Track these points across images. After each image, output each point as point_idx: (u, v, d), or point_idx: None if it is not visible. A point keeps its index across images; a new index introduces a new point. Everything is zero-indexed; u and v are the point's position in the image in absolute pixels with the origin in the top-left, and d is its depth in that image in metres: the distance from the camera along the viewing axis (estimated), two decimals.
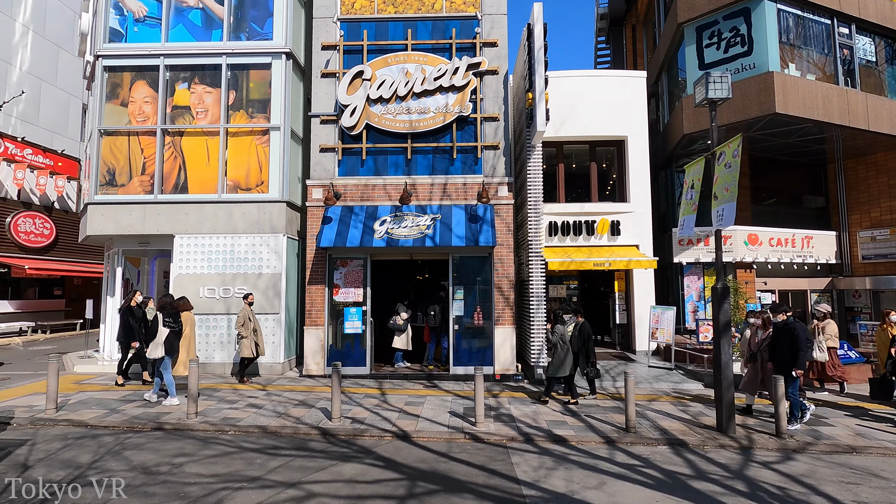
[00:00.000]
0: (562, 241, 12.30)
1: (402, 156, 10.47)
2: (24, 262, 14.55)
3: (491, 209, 10.04)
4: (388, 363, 10.84)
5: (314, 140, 10.51)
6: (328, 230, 9.75)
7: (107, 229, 10.52)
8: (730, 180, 6.44)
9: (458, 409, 7.62)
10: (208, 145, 10.69)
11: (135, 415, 7.05)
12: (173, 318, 7.76)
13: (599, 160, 13.26)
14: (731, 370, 6.68)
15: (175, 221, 10.44)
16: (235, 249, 10.38)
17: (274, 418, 7.00)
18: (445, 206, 10.13)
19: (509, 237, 10.14)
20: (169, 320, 7.72)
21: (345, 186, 10.31)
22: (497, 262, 10.05)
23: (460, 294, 10.09)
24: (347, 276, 10.23)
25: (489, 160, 10.34)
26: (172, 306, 7.78)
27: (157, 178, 10.61)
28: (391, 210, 10.07)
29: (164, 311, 7.80)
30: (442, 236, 9.53)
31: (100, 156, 10.78)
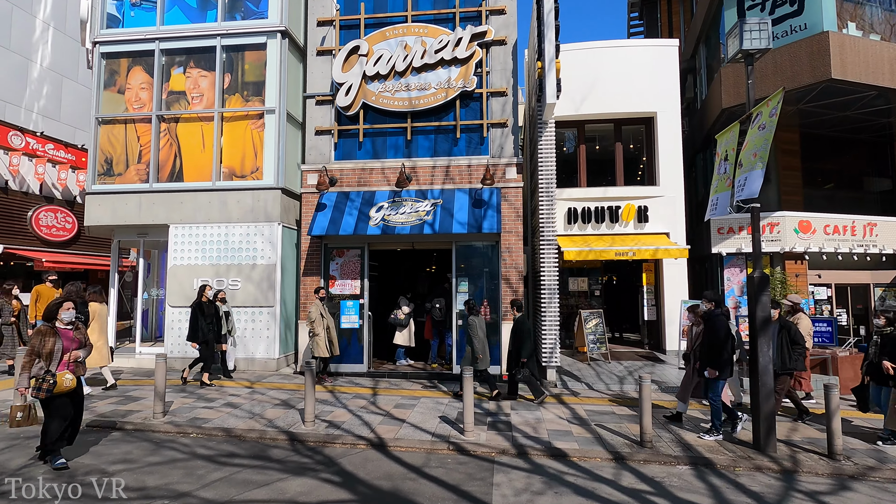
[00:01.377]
0: (582, 228, 11.19)
1: (402, 137, 9.69)
2: (42, 255, 14.73)
3: (497, 193, 9.11)
4: (391, 360, 10.12)
5: (309, 122, 9.88)
6: (321, 217, 9.10)
7: (104, 219, 10.27)
8: (760, 144, 5.29)
9: (451, 414, 6.79)
10: (203, 131, 10.26)
11: (102, 412, 6.60)
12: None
13: (626, 140, 12.03)
14: (770, 376, 5.53)
15: (170, 211, 10.07)
16: (229, 239, 9.90)
17: (245, 420, 6.38)
18: (448, 191, 9.28)
19: (519, 224, 9.18)
20: None
21: (341, 171, 9.63)
22: (505, 251, 9.12)
23: (465, 286, 9.23)
24: (344, 267, 9.56)
25: (496, 139, 9.40)
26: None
27: (153, 166, 10.27)
28: (389, 195, 9.31)
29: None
30: (442, 223, 8.69)
31: (97, 145, 10.56)
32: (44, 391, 4.55)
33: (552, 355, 8.74)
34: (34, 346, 4.66)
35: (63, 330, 4.87)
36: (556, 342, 8.81)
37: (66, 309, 4.93)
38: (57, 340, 4.74)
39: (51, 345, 4.69)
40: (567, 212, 11.18)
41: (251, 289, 9.69)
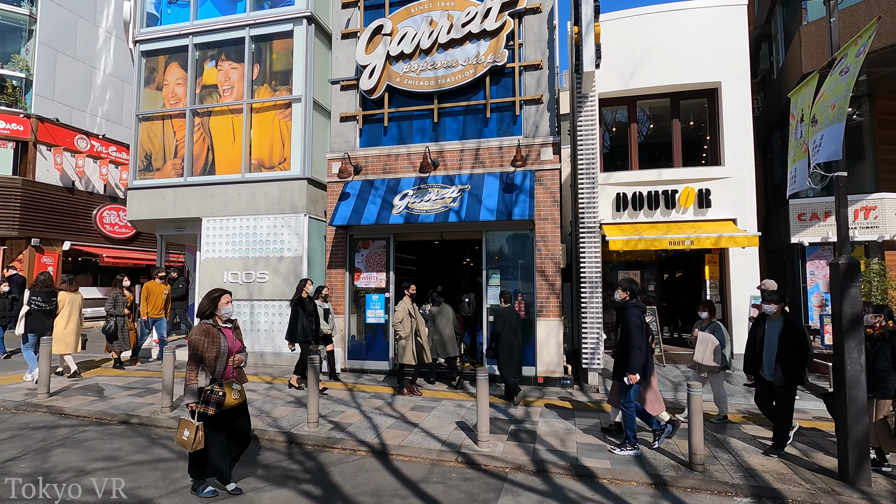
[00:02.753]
0: (633, 216, 10.01)
1: (429, 119, 9.06)
2: (103, 251, 15.61)
3: (531, 176, 8.26)
4: None
5: (334, 109, 9.50)
6: (343, 206, 8.68)
7: (143, 214, 10.49)
8: (840, 91, 4.14)
9: (470, 420, 6.08)
10: (234, 124, 10.20)
11: (116, 404, 6.52)
12: (43, 297, 7.86)
13: (684, 116, 10.68)
14: (861, 388, 4.36)
15: (203, 204, 10.10)
16: (257, 231, 9.76)
17: (252, 417, 6.02)
18: (477, 175, 8.54)
19: (555, 210, 8.27)
20: (36, 298, 7.80)
21: (366, 158, 9.16)
22: (539, 240, 8.25)
23: (496, 279, 8.46)
24: (369, 258, 9.10)
25: (530, 117, 8.54)
26: (45, 284, 8.03)
27: (188, 160, 10.35)
28: (415, 182, 8.73)
29: (34, 288, 8.10)
30: (469, 210, 7.98)
31: (138, 141, 10.81)
32: (213, 405, 3.71)
33: (594, 356, 7.79)
34: (200, 348, 3.78)
35: (224, 329, 3.99)
36: (598, 341, 7.85)
37: (226, 303, 3.99)
38: (223, 341, 3.88)
39: (217, 347, 3.83)
40: (616, 198, 10.04)
41: (278, 282, 9.48)
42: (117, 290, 8.82)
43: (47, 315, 7.81)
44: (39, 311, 7.75)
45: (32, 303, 7.74)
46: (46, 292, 7.87)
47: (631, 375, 4.93)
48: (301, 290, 7.50)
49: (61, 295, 7.91)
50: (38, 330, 7.69)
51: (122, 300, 8.69)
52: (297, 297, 7.46)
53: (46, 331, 7.65)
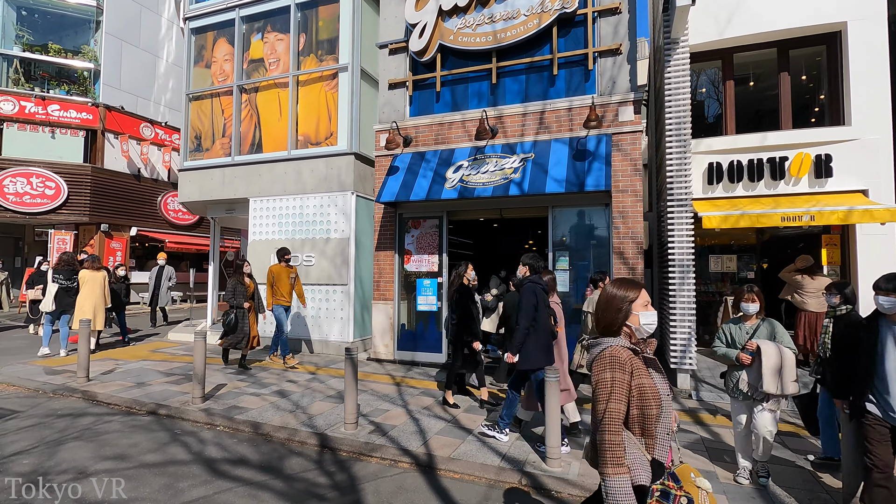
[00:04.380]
0: (729, 189, 8.43)
1: (486, 81, 7.99)
2: (166, 236, 15.92)
3: (607, 140, 7.00)
4: None
5: (382, 76, 8.67)
6: (391, 182, 7.85)
7: (193, 195, 10.26)
8: None
9: (534, 427, 5.07)
10: (280, 98, 9.66)
11: (150, 392, 6.10)
12: (65, 275, 8.01)
13: (795, 70, 8.87)
14: None
15: (250, 184, 9.67)
16: (304, 211, 9.18)
17: (283, 414, 5.36)
18: (542, 142, 7.39)
19: (637, 181, 6.97)
20: (59, 276, 7.96)
21: (416, 128, 8.27)
22: (617, 216, 7.00)
23: (564, 262, 7.31)
24: (420, 239, 8.23)
25: (606, 71, 7.25)
26: (68, 264, 8.08)
27: (235, 138, 9.96)
28: (470, 153, 7.72)
29: (57, 267, 8.11)
30: (532, 181, 6.87)
31: (188, 121, 10.59)
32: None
33: (685, 355, 6.48)
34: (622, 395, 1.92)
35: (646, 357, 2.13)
36: (690, 338, 6.52)
37: (644, 305, 2.10)
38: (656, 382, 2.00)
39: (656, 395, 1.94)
40: (707, 168, 8.48)
41: (325, 265, 8.86)
42: (236, 277, 7.65)
43: (70, 293, 7.97)
44: (62, 288, 7.92)
45: (56, 280, 7.86)
46: (68, 270, 8.05)
47: (509, 355, 4.48)
48: (461, 277, 5.85)
49: (82, 273, 7.99)
50: (60, 307, 7.99)
51: (243, 290, 7.52)
52: (458, 287, 5.79)
53: (69, 308, 7.94)
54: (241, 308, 7.44)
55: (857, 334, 3.28)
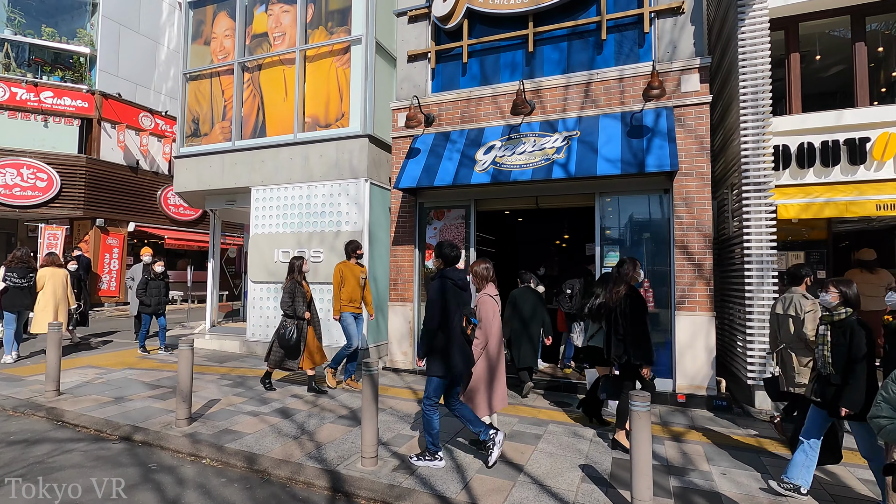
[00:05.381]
0: (798, 175, 7.30)
1: (521, 50, 6.96)
2: (165, 232, 15.03)
3: (668, 114, 5.94)
4: None
5: (401, 48, 7.66)
6: (412, 165, 6.84)
7: (190, 184, 9.31)
8: None
9: (600, 462, 4.02)
10: (286, 77, 8.68)
11: (128, 410, 5.12)
12: (18, 273, 7.22)
13: (872, 39, 7.75)
14: None
15: (251, 171, 8.70)
16: (311, 202, 8.19)
17: (285, 442, 4.35)
18: (589, 118, 6.35)
19: (704, 161, 5.92)
20: (11, 275, 7.17)
21: (440, 105, 7.25)
22: (679, 202, 5.94)
23: (613, 258, 6.24)
24: (444, 232, 7.21)
25: (665, 34, 6.19)
26: (21, 261, 7.28)
27: (236, 122, 8.99)
28: (503, 132, 6.69)
29: (10, 264, 7.30)
30: (580, 162, 5.83)
31: (185, 104, 9.64)
32: None
33: (765, 370, 5.40)
34: None
35: None
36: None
37: None
38: None
39: None
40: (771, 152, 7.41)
41: (335, 261, 7.83)
42: (293, 278, 5.93)
43: (24, 292, 7.21)
44: (15, 287, 7.13)
45: (7, 279, 7.06)
46: (23, 268, 7.26)
47: (418, 359, 3.97)
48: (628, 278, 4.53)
49: (41, 272, 7.25)
50: (15, 308, 7.21)
51: (302, 294, 5.91)
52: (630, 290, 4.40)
53: (24, 309, 7.25)
54: (303, 319, 5.88)
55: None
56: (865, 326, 3.31)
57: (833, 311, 3.42)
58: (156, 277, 8.19)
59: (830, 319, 3.43)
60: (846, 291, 3.38)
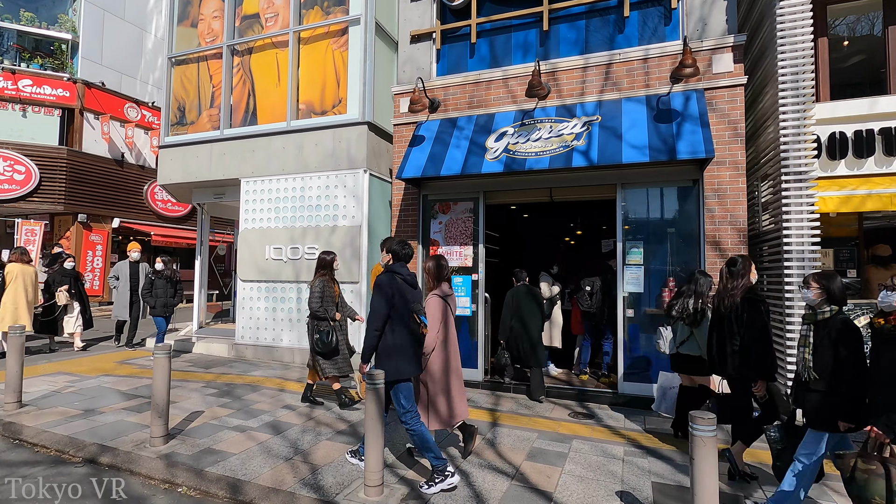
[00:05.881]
0: (829, 167, 6.81)
1: (534, 29, 6.42)
2: (151, 229, 14.36)
3: (699, 97, 5.43)
4: None
5: (403, 27, 7.09)
6: (416, 154, 6.28)
7: (175, 176, 8.70)
8: None
9: (639, 487, 3.50)
10: (278, 60, 8.08)
11: (98, 425, 4.53)
12: None
13: None
14: None
15: (241, 161, 8.11)
16: (306, 194, 7.62)
17: (275, 464, 3.79)
18: (610, 102, 5.82)
19: (738, 149, 5.41)
20: None
21: (446, 89, 6.70)
22: (710, 194, 5.42)
23: (637, 255, 5.72)
24: (450, 227, 6.65)
25: (694, 10, 5.67)
26: None
27: (224, 109, 8.39)
28: (516, 117, 6.15)
29: None
30: (603, 149, 5.30)
31: (171, 90, 9.02)
32: None
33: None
34: None
35: None
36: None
37: None
38: None
39: None
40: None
41: None
42: (323, 275, 5.25)
43: None
44: None
45: None
46: None
47: (361, 364, 3.59)
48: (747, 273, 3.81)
49: (10, 267, 6.62)
50: None
51: (332, 294, 5.26)
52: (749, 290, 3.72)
53: None
54: (335, 320, 5.25)
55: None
56: (854, 326, 2.90)
57: (816, 309, 3.01)
58: (161, 276, 7.54)
59: (814, 319, 3.02)
60: (829, 287, 2.97)
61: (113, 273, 8.48)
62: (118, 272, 8.43)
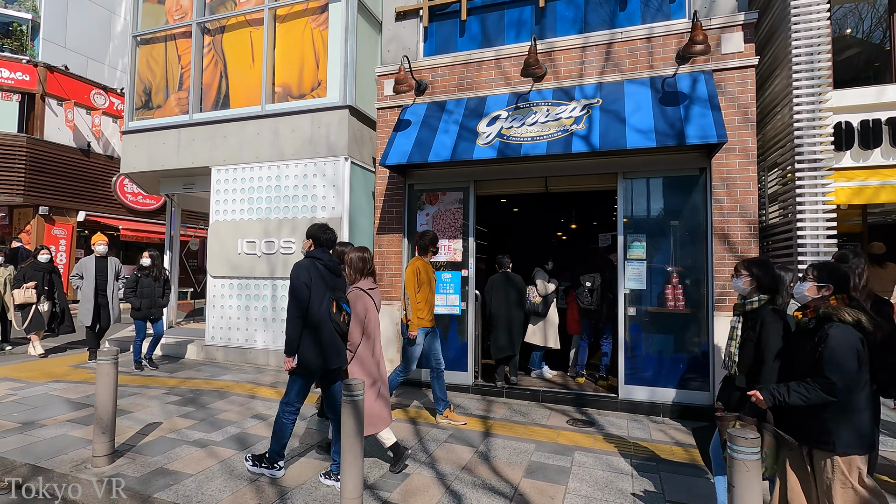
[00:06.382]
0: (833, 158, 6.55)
1: (530, 6, 5.97)
2: (120, 223, 13.58)
3: (707, 78, 5.04)
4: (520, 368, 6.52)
5: (387, 4, 6.57)
6: (401, 139, 5.78)
7: (140, 164, 8.05)
8: None
9: None
10: (252, 40, 7.50)
11: (35, 441, 3.95)
12: None
13: None
14: None
15: (212, 148, 7.51)
16: (282, 183, 7.06)
17: (239, 486, 3.28)
18: (610, 85, 5.40)
19: (748, 135, 5.03)
20: None
21: (434, 71, 6.21)
22: (719, 184, 5.04)
23: (639, 250, 5.32)
24: (438, 219, 6.17)
25: None
26: None
27: (194, 91, 7.77)
28: (510, 100, 5.69)
29: None
30: (605, 133, 4.88)
31: (136, 71, 8.36)
32: None
33: None
34: None
35: None
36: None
37: None
38: None
39: None
40: None
41: None
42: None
43: None
44: None
45: None
46: None
47: (287, 358, 3.34)
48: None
49: None
50: None
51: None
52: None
53: None
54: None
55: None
56: (781, 317, 2.67)
57: (746, 299, 2.79)
58: (149, 274, 6.54)
59: (742, 309, 2.79)
60: (760, 275, 2.74)
61: (76, 271, 6.96)
62: (82, 269, 6.93)
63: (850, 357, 2.26)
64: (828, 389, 2.28)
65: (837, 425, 2.33)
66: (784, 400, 2.38)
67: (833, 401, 2.30)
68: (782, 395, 2.40)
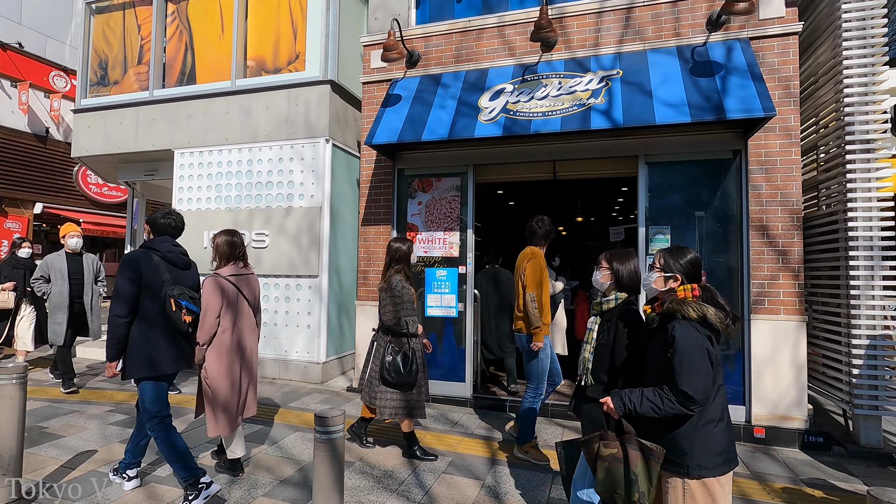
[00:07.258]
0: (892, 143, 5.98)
1: None
2: (80, 216, 12.52)
3: (744, 46, 4.39)
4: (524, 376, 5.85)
5: None
6: (390, 116, 5.03)
7: (94, 147, 7.15)
8: None
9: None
10: (222, 7, 6.67)
11: None
12: None
13: None
14: None
15: (175, 129, 6.66)
16: (254, 168, 6.25)
17: None
18: (631, 55, 4.72)
19: (789, 112, 4.40)
20: None
21: (427, 41, 5.47)
22: (756, 168, 4.41)
23: (663, 241, 4.66)
24: (432, 208, 5.43)
25: None
26: None
27: (156, 65, 6.91)
28: (515, 72, 4.98)
29: None
30: (629, 108, 4.20)
31: (90, 43, 7.46)
32: None
33: (878, 401, 3.94)
34: None
35: None
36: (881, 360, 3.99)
37: None
38: None
39: None
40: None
41: (285, 247, 5.97)
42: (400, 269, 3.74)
43: None
44: None
45: None
46: None
47: (108, 364, 2.91)
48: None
49: None
50: None
51: (411, 297, 3.69)
52: None
53: None
54: (416, 336, 3.67)
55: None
56: (634, 317, 2.34)
57: (603, 296, 2.48)
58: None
59: (600, 309, 2.45)
60: (619, 269, 2.42)
61: (39, 272, 5.20)
62: (49, 269, 5.18)
63: (703, 361, 1.82)
64: (682, 402, 1.84)
65: (692, 442, 1.88)
66: (635, 409, 1.93)
67: (690, 415, 1.87)
68: (633, 404, 1.94)
